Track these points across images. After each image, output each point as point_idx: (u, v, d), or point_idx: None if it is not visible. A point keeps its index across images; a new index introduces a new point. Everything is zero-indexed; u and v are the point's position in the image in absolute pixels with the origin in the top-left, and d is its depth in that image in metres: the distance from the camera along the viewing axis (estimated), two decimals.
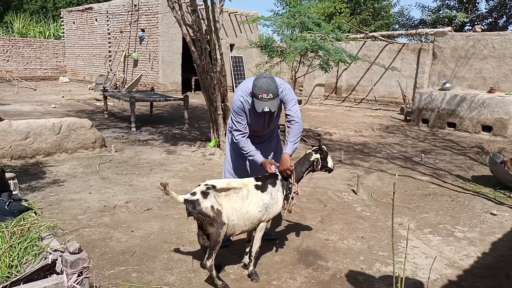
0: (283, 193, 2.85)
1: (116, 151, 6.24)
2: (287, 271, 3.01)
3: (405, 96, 11.50)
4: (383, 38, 12.79)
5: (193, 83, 14.88)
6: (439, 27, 15.78)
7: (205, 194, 2.51)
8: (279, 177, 2.87)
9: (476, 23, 19.38)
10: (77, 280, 1.78)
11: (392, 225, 1.79)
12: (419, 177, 5.55)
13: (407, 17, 23.02)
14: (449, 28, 11.38)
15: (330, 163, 3.07)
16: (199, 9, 6.49)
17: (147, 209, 4.07)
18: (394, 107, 12.25)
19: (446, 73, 10.48)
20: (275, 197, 2.78)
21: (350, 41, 12.57)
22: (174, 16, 6.58)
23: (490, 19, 20.44)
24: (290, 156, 2.97)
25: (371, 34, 13.15)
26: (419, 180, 5.39)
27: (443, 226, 3.96)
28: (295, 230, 3.72)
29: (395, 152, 6.97)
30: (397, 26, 22.92)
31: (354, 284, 2.87)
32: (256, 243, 2.82)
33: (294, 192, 2.89)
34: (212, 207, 2.50)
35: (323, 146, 3.08)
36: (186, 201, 2.52)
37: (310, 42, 6.57)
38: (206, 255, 2.57)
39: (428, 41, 14.88)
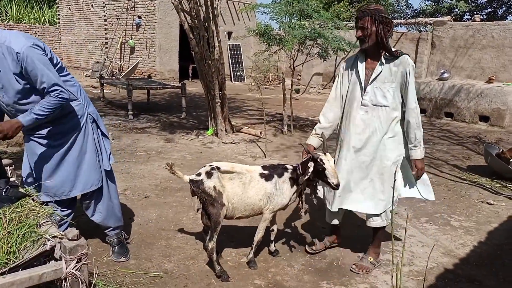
0: (291, 186, 2.75)
1: (113, 139, 6.21)
2: (285, 259, 3.03)
3: None
4: None
5: (190, 71, 14.78)
6: (439, 17, 15.69)
7: (209, 174, 2.58)
8: (289, 169, 2.77)
9: (475, 12, 19.27)
10: (76, 266, 1.79)
11: (392, 214, 1.79)
12: None
13: (406, 5, 22.89)
14: (448, 17, 11.30)
15: (331, 179, 2.56)
16: None
17: (145, 197, 4.07)
18: None
19: (444, 63, 10.45)
20: (280, 188, 2.73)
21: (349, 29, 12.47)
22: (171, 2, 6.50)
23: (490, 9, 20.34)
24: (22, 126, 2.30)
25: None
26: None
27: (439, 215, 3.98)
28: (293, 218, 3.74)
29: None
30: (395, 15, 22.78)
31: (351, 272, 2.89)
32: (259, 233, 2.83)
33: (309, 193, 2.78)
34: (214, 187, 2.55)
35: (320, 159, 2.59)
36: (191, 181, 2.61)
37: (309, 30, 6.50)
38: (208, 237, 2.63)
39: (427, 31, 14.81)
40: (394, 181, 2.23)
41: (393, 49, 2.64)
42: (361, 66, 2.72)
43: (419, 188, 2.90)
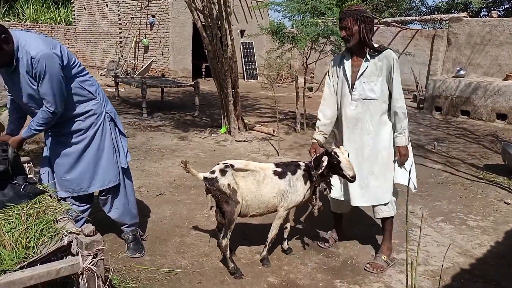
0: (305, 183, 2.76)
1: (128, 137, 6.27)
2: (298, 257, 3.02)
3: (418, 83, 11.33)
4: (396, 24, 12.56)
5: (203, 69, 14.83)
6: (454, 13, 15.43)
7: (223, 172, 2.59)
8: (302, 166, 2.79)
9: (492, 8, 18.89)
10: (92, 261, 1.81)
11: (406, 212, 1.78)
12: (432, 165, 5.49)
13: (420, 2, 22.56)
14: (465, 14, 11.10)
15: (347, 171, 2.61)
16: None
17: (159, 194, 4.11)
18: (407, 94, 12.06)
19: (460, 60, 10.27)
20: (294, 186, 2.73)
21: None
22: (185, 1, 6.53)
23: (507, 5, 19.91)
24: (24, 139, 2.56)
25: (384, 20, 12.91)
26: (432, 168, 5.34)
27: (455, 214, 3.92)
28: (306, 216, 3.73)
29: None
30: (410, 12, 22.47)
31: (365, 271, 2.87)
32: (273, 231, 2.83)
33: (321, 189, 2.77)
34: (229, 185, 2.56)
35: (334, 152, 2.65)
36: (205, 178, 2.62)
37: (322, 27, 6.47)
38: (222, 234, 2.64)
39: (443, 28, 14.58)
40: (409, 179, 2.23)
41: (376, 45, 2.77)
42: (347, 64, 2.85)
43: (403, 175, 2.88)
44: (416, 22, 14.66)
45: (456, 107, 9.23)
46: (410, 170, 2.66)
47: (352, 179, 2.62)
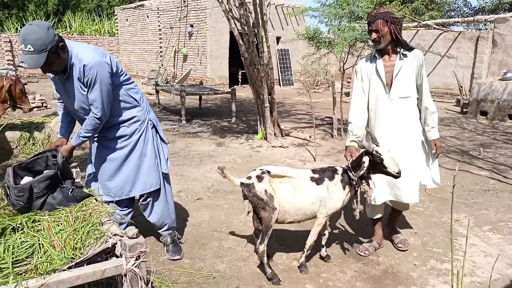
0: (344, 189, 2.71)
1: (167, 143, 6.43)
2: (337, 264, 2.97)
3: (462, 87, 10.89)
4: (437, 27, 12.17)
5: (240, 76, 15.00)
6: (500, 13, 14.74)
7: (260, 178, 2.59)
8: (339, 171, 2.74)
9: None
10: (135, 263, 1.86)
11: (451, 221, 1.71)
12: (477, 171, 5.25)
13: (463, 4, 21.74)
14: (511, 14, 10.59)
15: (392, 168, 2.57)
16: (247, 2, 6.51)
17: (198, 199, 4.18)
18: (450, 98, 11.64)
19: (507, 62, 9.80)
20: (332, 191, 2.69)
21: (402, 30, 12.06)
22: (222, 10, 6.65)
23: None
24: (74, 147, 2.62)
25: (424, 22, 12.54)
26: (477, 175, 5.10)
27: (504, 223, 3.72)
28: (344, 221, 3.67)
29: (450, 146, 6.63)
30: (452, 14, 21.70)
31: (407, 281, 2.78)
32: (311, 237, 2.80)
33: (362, 191, 2.71)
34: (265, 191, 2.56)
35: (375, 151, 2.59)
36: (242, 184, 2.63)
37: (360, 31, 6.37)
38: (259, 240, 2.64)
39: (487, 29, 13.96)
40: (458, 172, 2.18)
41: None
42: (380, 65, 2.87)
43: (432, 173, 3.04)
44: (458, 24, 14.12)
45: (503, 111, 8.79)
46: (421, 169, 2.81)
47: (398, 175, 2.59)
